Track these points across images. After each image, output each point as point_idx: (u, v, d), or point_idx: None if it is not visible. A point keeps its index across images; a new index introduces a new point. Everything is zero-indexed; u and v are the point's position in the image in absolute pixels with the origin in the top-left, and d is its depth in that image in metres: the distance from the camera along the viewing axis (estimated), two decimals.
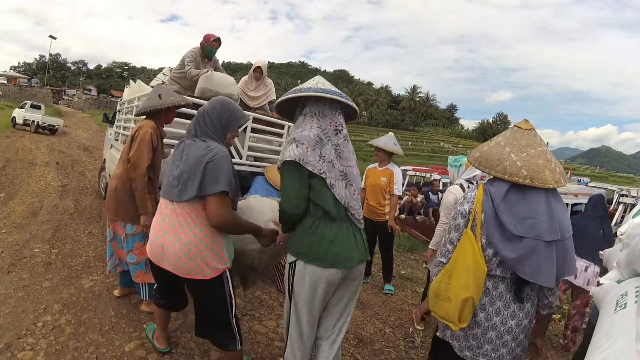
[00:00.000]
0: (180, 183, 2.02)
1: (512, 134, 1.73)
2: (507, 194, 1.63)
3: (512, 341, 1.69)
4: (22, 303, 3.01)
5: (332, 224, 1.89)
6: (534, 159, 1.61)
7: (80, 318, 2.90)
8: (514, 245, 1.58)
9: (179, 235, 2.01)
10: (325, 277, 1.88)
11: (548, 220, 1.58)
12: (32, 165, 9.93)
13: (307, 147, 1.84)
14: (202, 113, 2.13)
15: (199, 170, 1.96)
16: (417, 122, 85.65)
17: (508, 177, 1.61)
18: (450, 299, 1.67)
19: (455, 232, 1.77)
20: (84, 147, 16.01)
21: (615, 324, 1.27)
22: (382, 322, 3.79)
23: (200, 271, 2.02)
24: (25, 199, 6.45)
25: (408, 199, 9.98)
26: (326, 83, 2.02)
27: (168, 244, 2.03)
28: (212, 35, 4.59)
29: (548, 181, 1.58)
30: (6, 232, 4.65)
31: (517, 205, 1.60)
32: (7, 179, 7.95)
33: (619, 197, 12.29)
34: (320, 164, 1.84)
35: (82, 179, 9.08)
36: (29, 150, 12.99)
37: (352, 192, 1.93)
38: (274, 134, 4.46)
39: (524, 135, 1.69)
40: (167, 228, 2.06)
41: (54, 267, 3.80)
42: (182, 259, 2.00)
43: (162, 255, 2.07)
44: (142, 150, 2.76)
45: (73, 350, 2.52)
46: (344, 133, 1.98)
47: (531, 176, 1.58)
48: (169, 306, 2.51)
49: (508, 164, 1.62)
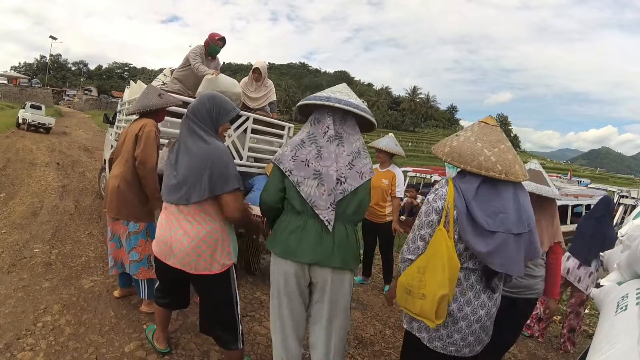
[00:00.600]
0: (185, 186, 2.04)
1: (480, 130, 1.77)
2: (478, 190, 1.67)
3: (479, 329, 1.74)
4: (22, 303, 3.01)
5: (297, 217, 1.98)
6: (505, 154, 1.68)
7: (80, 319, 2.90)
8: (486, 240, 1.63)
9: (188, 232, 2.05)
10: (283, 268, 1.98)
11: (516, 214, 1.65)
12: (33, 166, 9.94)
13: (287, 149, 2.00)
14: (192, 110, 2.13)
15: (205, 173, 2.00)
16: (418, 123, 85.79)
17: (484, 172, 1.65)
18: (425, 295, 1.66)
19: (427, 229, 1.74)
20: (84, 147, 16.02)
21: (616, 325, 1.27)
22: (383, 323, 3.79)
23: (209, 267, 2.07)
24: (26, 199, 6.45)
25: (408, 200, 9.98)
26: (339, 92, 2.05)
27: (176, 241, 2.07)
28: (218, 34, 4.58)
29: (519, 175, 1.65)
30: (6, 232, 4.64)
31: (489, 201, 1.66)
32: (8, 179, 7.95)
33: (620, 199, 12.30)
34: (290, 163, 1.95)
35: (83, 179, 9.08)
36: (30, 150, 13.00)
37: (322, 192, 1.90)
38: (274, 134, 4.47)
39: (493, 131, 1.75)
40: (174, 226, 2.09)
41: (54, 267, 3.79)
42: (190, 255, 2.05)
43: (170, 253, 2.11)
44: (150, 148, 2.83)
45: (73, 350, 2.51)
46: (329, 134, 1.96)
47: (506, 171, 1.64)
48: (172, 305, 2.51)
49: (483, 159, 1.66)
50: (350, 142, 2.00)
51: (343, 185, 1.93)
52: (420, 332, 1.83)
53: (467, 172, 1.70)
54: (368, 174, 2.00)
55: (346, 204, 1.95)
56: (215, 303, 2.19)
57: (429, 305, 1.64)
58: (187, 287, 2.43)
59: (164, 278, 2.38)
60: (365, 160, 2.02)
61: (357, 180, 1.96)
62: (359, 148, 2.02)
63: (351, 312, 2.35)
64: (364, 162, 2.00)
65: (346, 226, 1.99)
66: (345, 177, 1.94)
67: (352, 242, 2.00)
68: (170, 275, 2.22)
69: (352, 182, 1.95)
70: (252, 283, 4.14)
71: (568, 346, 3.94)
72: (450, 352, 1.77)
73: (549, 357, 3.80)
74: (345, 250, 1.95)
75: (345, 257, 1.95)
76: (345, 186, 1.93)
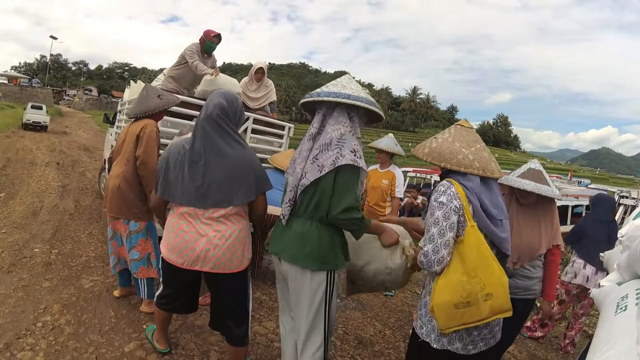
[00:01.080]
0: (223, 189, 2.03)
1: (457, 132, 1.87)
2: (481, 185, 1.77)
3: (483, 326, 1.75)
4: (21, 303, 3.01)
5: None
6: (481, 152, 1.79)
7: (80, 318, 2.90)
8: (502, 227, 1.78)
9: (222, 232, 2.06)
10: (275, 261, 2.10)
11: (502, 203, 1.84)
12: (33, 166, 9.95)
13: None
14: (223, 110, 2.07)
15: (250, 175, 2.06)
16: (418, 124, 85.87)
17: (464, 169, 1.74)
18: (491, 294, 1.63)
19: (450, 232, 1.67)
20: (84, 147, 16.01)
21: (616, 326, 1.27)
22: (382, 323, 3.79)
23: (239, 264, 2.13)
24: (26, 199, 6.46)
25: (409, 200, 9.98)
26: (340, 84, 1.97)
27: (208, 244, 2.05)
28: (213, 31, 4.53)
29: (495, 172, 1.78)
30: (6, 232, 4.65)
31: (489, 195, 1.78)
32: (8, 179, 7.96)
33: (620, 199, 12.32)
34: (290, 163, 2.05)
35: (83, 179, 9.09)
36: (30, 150, 13.01)
37: (289, 189, 1.97)
38: (274, 134, 4.47)
39: (469, 132, 1.86)
40: (203, 230, 2.06)
41: (54, 267, 3.80)
42: (225, 255, 2.07)
43: (197, 259, 2.06)
44: (151, 148, 2.85)
45: (72, 350, 2.51)
46: (311, 132, 1.95)
47: (483, 167, 1.75)
48: (179, 310, 2.48)
49: (461, 157, 1.76)
50: (326, 132, 1.91)
51: (302, 181, 1.91)
52: (438, 341, 1.77)
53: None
54: (329, 166, 1.84)
55: (308, 199, 1.90)
56: (237, 298, 2.23)
57: (502, 298, 1.64)
58: (198, 289, 2.40)
59: (175, 283, 2.30)
60: (331, 152, 1.86)
61: (315, 173, 1.86)
62: (332, 139, 1.88)
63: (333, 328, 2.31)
64: (329, 155, 1.86)
65: (309, 222, 1.91)
66: (305, 172, 1.91)
67: (311, 240, 1.89)
68: (185, 278, 2.20)
69: (309, 177, 1.88)
70: (251, 283, 4.13)
71: (569, 348, 3.94)
72: (457, 350, 1.75)
73: (549, 357, 3.80)
74: (296, 246, 1.91)
75: (294, 253, 1.92)
76: (303, 181, 1.90)
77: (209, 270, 2.09)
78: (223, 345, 2.82)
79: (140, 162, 2.83)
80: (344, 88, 1.92)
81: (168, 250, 2.14)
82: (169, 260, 2.14)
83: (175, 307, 2.43)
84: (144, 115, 2.98)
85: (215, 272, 2.10)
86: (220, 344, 2.84)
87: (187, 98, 3.84)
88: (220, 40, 4.59)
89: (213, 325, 2.35)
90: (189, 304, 2.42)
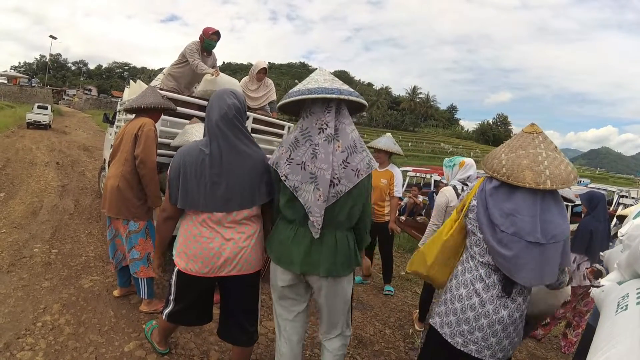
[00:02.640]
0: (246, 190, 1.98)
1: (516, 137, 1.81)
2: (497, 189, 1.73)
3: (502, 331, 1.73)
4: (21, 303, 3.01)
5: (288, 225, 1.92)
6: (519, 159, 1.69)
7: (80, 318, 2.90)
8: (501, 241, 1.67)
9: (247, 233, 2.04)
10: (279, 274, 1.98)
11: (531, 220, 1.63)
12: (32, 165, 9.94)
13: (283, 150, 1.87)
14: (237, 110, 2.00)
15: (263, 178, 2.01)
16: (418, 123, 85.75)
17: (490, 172, 1.75)
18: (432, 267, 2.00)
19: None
20: (84, 147, 16.00)
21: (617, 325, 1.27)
22: (382, 323, 3.78)
23: (259, 262, 2.13)
24: (25, 199, 6.45)
25: (410, 200, 9.96)
26: (320, 78, 1.85)
27: (234, 249, 1.99)
28: (212, 28, 4.49)
29: (526, 180, 1.63)
30: (6, 232, 4.64)
31: (503, 202, 1.70)
32: (7, 178, 7.96)
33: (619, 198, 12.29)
34: (285, 167, 1.82)
35: (82, 179, 9.08)
36: (29, 150, 13.00)
37: (317, 198, 1.76)
38: (273, 134, 4.47)
39: (523, 138, 1.77)
40: (227, 234, 1.99)
41: (53, 267, 3.80)
42: (251, 255, 2.05)
43: (225, 264, 1.99)
44: (149, 147, 2.85)
45: (72, 350, 2.51)
46: (328, 132, 1.78)
47: (508, 174, 1.68)
48: (195, 322, 2.40)
49: (496, 162, 1.76)
50: (346, 134, 1.81)
51: (337, 187, 1.78)
52: (442, 327, 1.85)
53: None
54: (365, 170, 1.81)
55: (339, 208, 1.81)
56: (254, 297, 2.21)
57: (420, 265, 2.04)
58: (212, 297, 2.30)
59: (190, 295, 2.16)
60: (362, 155, 1.82)
61: (352, 179, 1.79)
62: (354, 140, 1.82)
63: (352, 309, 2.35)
64: (360, 157, 1.81)
65: (336, 233, 1.86)
66: (339, 178, 1.78)
67: (342, 249, 1.88)
68: (202, 287, 2.13)
69: (346, 183, 1.78)
70: None
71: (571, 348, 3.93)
72: (470, 352, 1.76)
73: (549, 356, 3.80)
74: (331, 260, 1.85)
75: (331, 267, 1.85)
76: (339, 188, 1.78)
77: (236, 274, 2.03)
78: (223, 345, 2.82)
79: (139, 161, 2.83)
80: (334, 82, 1.84)
81: (189, 260, 2.01)
82: (189, 272, 2.02)
83: (192, 320, 2.34)
84: (141, 109, 2.97)
85: (240, 275, 2.05)
86: (220, 343, 2.83)
87: (187, 98, 3.84)
88: (219, 37, 4.54)
89: (224, 332, 2.25)
90: (205, 314, 2.31)
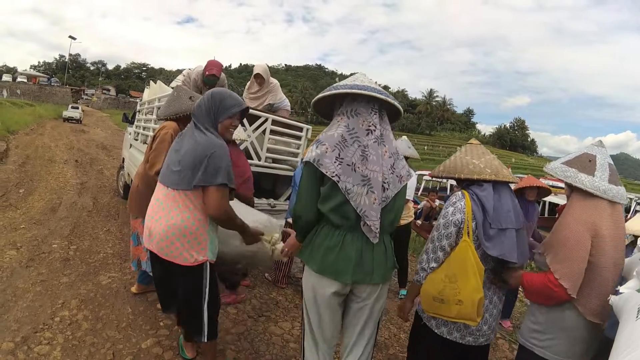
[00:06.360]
0: (180, 172, 2.05)
1: (467, 148, 2.06)
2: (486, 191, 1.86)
3: (489, 317, 1.93)
4: (40, 297, 3.04)
5: (334, 232, 1.78)
6: (491, 161, 1.95)
7: (98, 314, 2.92)
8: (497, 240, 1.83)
9: (166, 217, 2.08)
10: (322, 285, 1.81)
11: (514, 212, 1.89)
12: (51, 163, 10.11)
13: (326, 148, 1.72)
14: (197, 105, 2.19)
15: (200, 163, 2.00)
16: (434, 127, 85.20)
17: (476, 176, 1.88)
18: (462, 301, 1.77)
19: (446, 240, 1.86)
20: (102, 145, 16.26)
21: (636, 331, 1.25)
22: (397, 327, 3.75)
23: (180, 255, 2.08)
24: (44, 196, 6.56)
25: (427, 204, 9.87)
26: (365, 80, 1.82)
27: (155, 225, 2.11)
28: (212, 67, 4.55)
29: (508, 176, 1.91)
30: (25, 228, 4.71)
31: (501, 203, 1.87)
32: (27, 175, 8.10)
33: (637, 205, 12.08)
34: (335, 166, 1.70)
35: (101, 177, 9.20)
36: (48, 147, 13.23)
37: (373, 201, 1.70)
38: (292, 136, 4.47)
39: (478, 147, 2.05)
40: (157, 211, 2.14)
41: (72, 263, 3.84)
42: (163, 241, 2.08)
43: (149, 237, 2.16)
44: (159, 151, 2.79)
45: (90, 345, 2.53)
46: (376, 134, 1.74)
47: (495, 173, 1.89)
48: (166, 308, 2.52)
49: (472, 167, 1.92)
50: (390, 140, 1.81)
51: (386, 192, 1.75)
52: (439, 327, 1.96)
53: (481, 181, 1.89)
54: (406, 177, 1.85)
55: (386, 212, 1.78)
56: (184, 294, 2.21)
57: (470, 309, 1.76)
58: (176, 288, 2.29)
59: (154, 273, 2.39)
60: (403, 162, 1.86)
61: (397, 185, 1.80)
62: (396, 147, 1.84)
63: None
64: (402, 164, 1.84)
65: (384, 238, 1.84)
66: (388, 183, 1.76)
67: (389, 255, 1.87)
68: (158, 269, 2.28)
69: (393, 188, 1.78)
70: (267, 284, 4.13)
71: None
72: (468, 342, 1.92)
73: None
74: (384, 265, 1.83)
75: (384, 273, 1.83)
76: (388, 193, 1.76)
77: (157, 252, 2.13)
78: (240, 344, 2.82)
79: (148, 163, 2.83)
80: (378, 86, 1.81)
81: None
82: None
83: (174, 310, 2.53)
84: (174, 117, 2.88)
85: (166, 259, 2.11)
86: (236, 342, 2.83)
87: None
88: (218, 78, 4.63)
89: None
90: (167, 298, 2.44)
